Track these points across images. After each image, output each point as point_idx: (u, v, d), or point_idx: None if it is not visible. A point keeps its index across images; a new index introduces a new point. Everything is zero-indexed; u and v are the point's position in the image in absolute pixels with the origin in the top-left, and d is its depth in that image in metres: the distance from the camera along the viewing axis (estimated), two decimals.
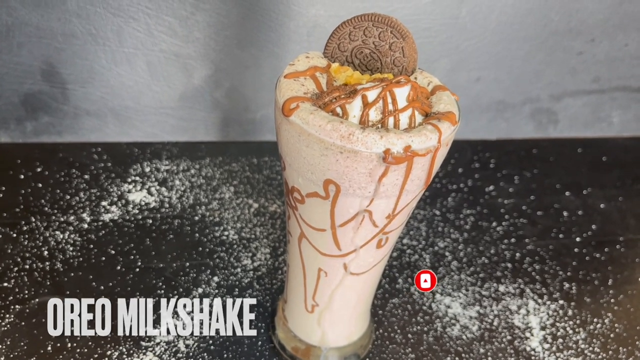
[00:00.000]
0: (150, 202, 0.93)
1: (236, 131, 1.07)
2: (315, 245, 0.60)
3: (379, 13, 0.57)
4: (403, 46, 0.57)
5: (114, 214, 0.90)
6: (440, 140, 0.50)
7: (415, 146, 0.49)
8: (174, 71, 0.98)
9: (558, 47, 1.07)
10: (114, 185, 0.95)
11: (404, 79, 0.53)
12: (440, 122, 0.51)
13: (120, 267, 0.82)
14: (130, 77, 0.98)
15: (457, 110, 0.55)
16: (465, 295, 0.85)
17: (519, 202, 1.03)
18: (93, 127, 1.02)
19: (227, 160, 1.04)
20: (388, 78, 0.54)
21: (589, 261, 0.93)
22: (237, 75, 1.01)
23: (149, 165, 1.00)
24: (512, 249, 0.93)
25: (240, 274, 0.83)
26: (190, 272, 0.83)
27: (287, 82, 0.54)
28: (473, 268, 0.89)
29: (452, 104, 0.55)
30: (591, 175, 1.12)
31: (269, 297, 0.81)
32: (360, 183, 0.51)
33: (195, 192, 0.96)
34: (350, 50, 0.58)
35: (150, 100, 1.01)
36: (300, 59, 0.57)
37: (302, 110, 0.50)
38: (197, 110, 1.03)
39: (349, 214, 0.55)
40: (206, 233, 0.89)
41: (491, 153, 1.14)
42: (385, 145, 0.48)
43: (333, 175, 0.51)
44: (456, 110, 0.55)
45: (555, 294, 0.86)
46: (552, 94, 1.14)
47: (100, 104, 1.00)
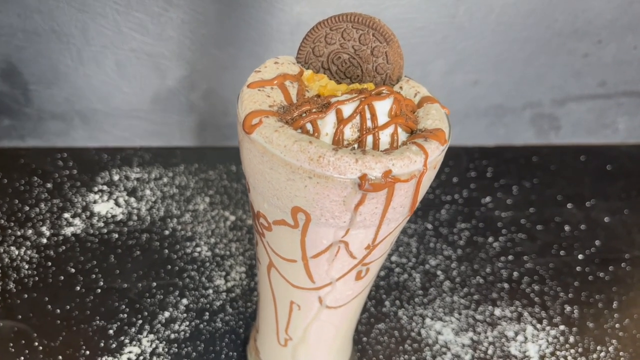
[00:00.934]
0: (117, 214, 0.85)
1: (214, 136, 1.00)
2: (285, 277, 0.53)
3: (360, 13, 0.49)
4: (387, 51, 0.50)
5: (77, 227, 0.82)
6: (426, 164, 0.43)
7: (397, 171, 0.41)
8: (146, 72, 0.91)
9: (562, 49, 0.99)
10: (79, 195, 0.88)
11: (386, 90, 0.46)
12: (427, 141, 0.44)
13: (79, 288, 0.75)
14: (99, 78, 0.90)
15: (447, 126, 0.48)
16: (458, 320, 0.77)
17: (517, 215, 0.96)
18: (59, 131, 0.94)
19: (204, 167, 0.96)
20: (368, 89, 0.46)
21: (592, 281, 0.86)
22: (214, 77, 0.93)
23: (118, 172, 0.93)
24: (510, 267, 0.86)
25: (211, 295, 0.76)
26: (157, 293, 0.75)
27: (251, 93, 0.46)
28: (467, 289, 0.82)
29: (441, 119, 0.48)
30: (595, 186, 1.05)
31: (243, 323, 0.74)
32: (334, 212, 0.43)
33: (167, 203, 0.88)
34: (326, 55, 0.51)
35: (121, 102, 0.93)
36: (268, 65, 0.50)
37: (265, 127, 0.43)
38: (171, 113, 0.96)
39: (322, 244, 0.47)
40: (176, 249, 0.81)
41: (488, 161, 1.07)
42: (361, 170, 0.41)
43: (302, 202, 0.43)
44: (446, 127, 0.47)
45: (556, 318, 0.79)
46: (554, 99, 1.06)
47: (66, 106, 0.92)
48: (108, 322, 0.71)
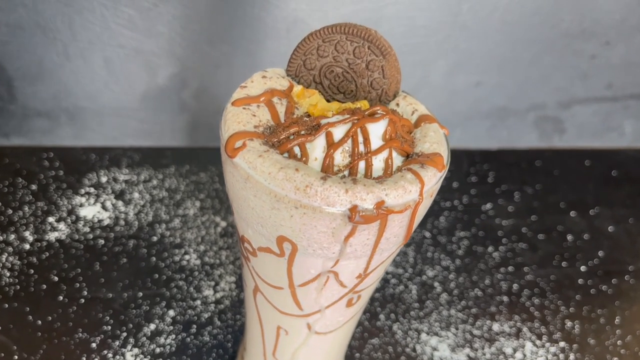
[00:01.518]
0: (103, 219, 0.82)
1: (206, 136, 0.96)
2: (272, 302, 0.50)
3: (355, 24, 0.46)
4: (383, 65, 0.46)
5: (62, 232, 0.79)
6: (422, 193, 0.40)
7: (391, 202, 0.38)
8: (135, 69, 0.87)
9: (568, 49, 0.95)
10: (65, 197, 0.84)
11: (381, 110, 0.43)
12: (424, 168, 0.41)
13: (62, 298, 0.72)
14: (86, 75, 0.87)
15: (445, 149, 0.44)
16: (455, 335, 0.75)
17: (518, 223, 0.93)
18: (44, 129, 0.91)
19: (195, 169, 0.93)
20: (361, 108, 0.43)
21: (594, 295, 0.83)
22: (206, 75, 0.89)
23: (106, 174, 0.89)
24: (509, 279, 0.83)
25: (199, 307, 0.73)
26: (143, 304, 0.73)
27: (235, 111, 0.43)
28: (464, 302, 0.79)
29: (440, 141, 0.44)
30: (599, 192, 1.02)
31: (231, 337, 0.71)
32: (322, 243, 0.40)
33: (156, 207, 0.85)
34: (318, 69, 0.47)
35: (109, 100, 0.90)
36: (255, 80, 0.46)
37: (249, 151, 0.39)
38: (161, 112, 0.92)
39: (310, 274, 0.44)
40: (164, 257, 0.79)
41: (490, 165, 1.04)
42: (351, 201, 0.37)
43: (287, 232, 0.40)
44: (445, 150, 0.44)
45: (556, 333, 0.77)
46: (559, 101, 1.03)
47: (52, 103, 0.89)
48: (91, 334, 0.68)
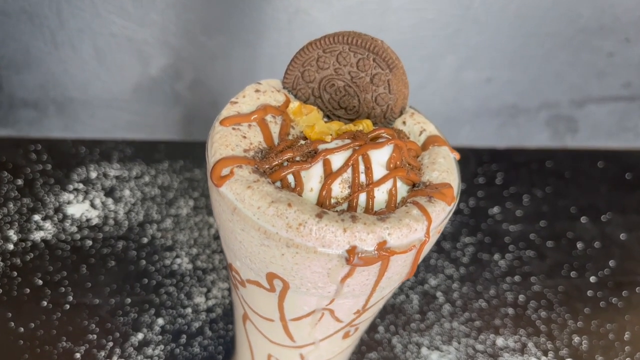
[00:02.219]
0: (92, 218, 0.78)
1: (201, 130, 0.92)
2: (262, 332, 0.46)
3: (359, 33, 0.41)
4: (389, 79, 0.41)
5: (48, 231, 0.76)
6: (429, 232, 0.36)
7: (394, 242, 0.34)
8: (127, 59, 0.82)
9: (585, 46, 0.90)
10: (52, 194, 0.80)
11: (385, 134, 0.38)
12: (432, 202, 0.36)
13: (46, 303, 0.68)
14: (75, 64, 0.82)
15: (456, 177, 0.40)
16: (457, 350, 0.71)
17: (526, 229, 0.88)
18: (31, 120, 0.87)
19: (189, 165, 0.89)
20: (363, 131, 0.39)
21: (603, 308, 0.79)
22: (202, 66, 0.85)
23: (96, 169, 0.85)
24: (515, 289, 0.80)
25: (190, 315, 0.70)
26: (131, 311, 0.69)
27: (223, 132, 0.38)
28: (468, 314, 0.76)
29: (450, 169, 0.40)
30: (612, 197, 0.97)
31: (222, 348, 0.67)
32: (316, 283, 0.36)
33: (147, 206, 0.81)
34: (318, 81, 0.43)
35: (99, 91, 0.85)
36: (247, 94, 0.42)
37: (236, 181, 0.35)
38: (154, 104, 0.88)
39: (304, 310, 0.41)
40: (154, 260, 0.75)
41: (498, 165, 0.99)
42: (349, 242, 0.33)
43: (278, 270, 0.36)
44: (455, 179, 0.40)
45: (563, 350, 0.73)
46: (573, 99, 0.98)
47: (39, 93, 0.84)
48: (75, 343, 0.65)
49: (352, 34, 0.41)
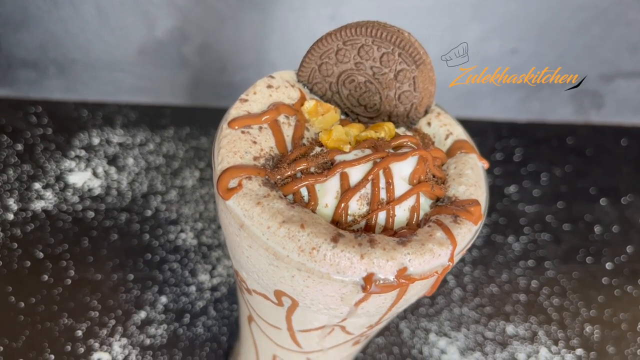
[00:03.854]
0: (94, 188, 0.76)
1: (208, 94, 0.88)
2: (268, 335, 0.44)
3: (385, 24, 0.36)
4: (415, 76, 0.37)
5: (49, 201, 0.73)
6: (453, 257, 0.33)
7: (414, 269, 0.31)
8: (131, 20, 0.78)
9: (620, 19, 0.84)
10: (53, 160, 0.78)
11: (410, 143, 0.35)
12: (458, 222, 0.33)
13: (47, 277, 0.67)
14: (76, 24, 0.77)
15: (484, 191, 0.37)
16: (466, 337, 0.70)
17: (543, 211, 0.85)
18: (31, 81, 0.83)
19: (195, 132, 0.85)
20: (385, 139, 0.35)
21: (618, 297, 0.77)
22: (210, 29, 0.80)
23: (99, 134, 0.82)
24: (529, 274, 0.77)
25: (194, 294, 0.68)
26: (134, 288, 0.68)
27: (232, 136, 0.35)
28: (479, 299, 0.74)
29: (478, 182, 0.36)
30: (634, 178, 0.93)
31: (227, 329, 0.66)
32: (328, 304, 0.34)
33: (152, 176, 0.78)
34: (336, 76, 0.39)
35: (102, 53, 0.81)
36: (258, 91, 0.38)
37: (245, 196, 0.32)
38: (160, 68, 0.83)
39: (313, 325, 0.38)
40: (158, 235, 0.73)
41: (518, 140, 0.95)
42: (367, 269, 0.31)
43: (287, 289, 0.34)
44: (483, 193, 0.36)
45: (574, 339, 0.72)
46: (602, 74, 0.92)
47: (38, 53, 0.80)
48: (77, 320, 0.64)
49: (377, 25, 0.36)
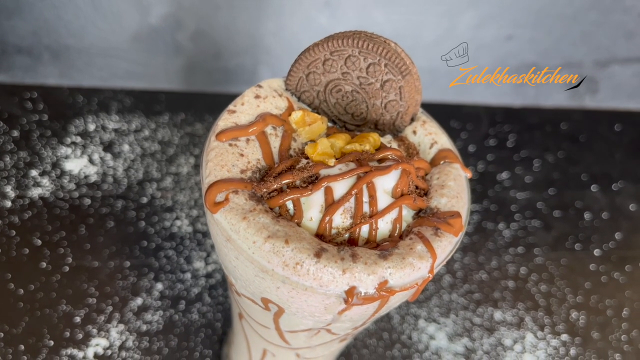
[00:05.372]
0: (90, 174, 0.77)
1: (203, 80, 0.88)
2: (258, 332, 0.46)
3: (371, 35, 0.37)
4: (401, 86, 0.38)
5: (46, 188, 0.74)
6: (432, 270, 0.34)
7: (395, 282, 0.33)
8: (124, 6, 0.77)
9: (617, 6, 0.84)
10: (49, 147, 0.78)
11: (393, 156, 0.35)
12: (438, 235, 0.34)
13: (46, 264, 0.68)
14: (69, 10, 0.77)
15: (466, 202, 0.38)
16: (454, 323, 0.72)
17: (534, 197, 0.86)
18: (26, 67, 0.83)
19: (190, 118, 0.85)
20: (369, 152, 0.36)
21: (604, 283, 0.79)
22: (205, 16, 0.79)
23: (95, 120, 0.82)
24: (518, 261, 0.79)
25: (189, 281, 0.70)
26: (130, 275, 0.69)
27: (220, 149, 0.36)
28: (468, 286, 0.76)
29: (460, 194, 0.37)
30: (625, 165, 0.94)
31: (221, 315, 0.68)
32: (313, 313, 0.35)
33: (147, 163, 0.79)
34: (323, 85, 0.39)
35: (96, 39, 0.81)
36: (246, 101, 0.38)
37: (231, 210, 0.33)
38: (154, 54, 0.83)
39: (299, 327, 0.40)
40: (154, 222, 0.74)
41: (511, 125, 0.95)
42: (349, 283, 0.32)
43: (273, 298, 0.35)
44: (465, 204, 0.37)
45: (559, 325, 0.74)
46: (597, 60, 0.92)
47: (32, 39, 0.80)
48: (75, 307, 0.66)
49: (363, 36, 0.37)
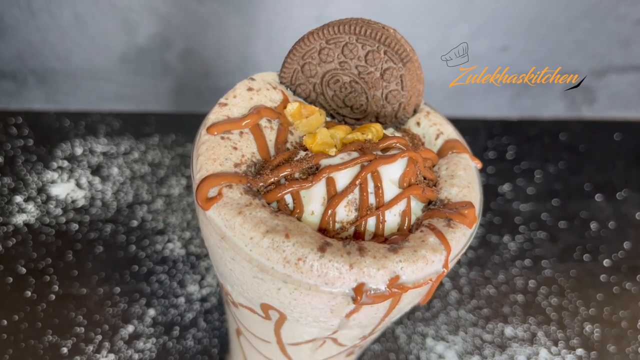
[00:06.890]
0: (78, 199, 0.74)
1: (193, 101, 0.86)
2: (258, 349, 0.43)
3: (369, 21, 0.35)
4: (402, 75, 0.36)
5: (31, 214, 0.71)
6: (447, 263, 0.31)
7: (407, 277, 0.30)
8: (110, 27, 0.76)
9: (611, 14, 0.83)
10: (34, 172, 0.75)
11: (398, 144, 0.33)
12: (451, 226, 0.32)
13: (31, 293, 0.65)
14: (54, 33, 0.75)
15: (478, 192, 0.35)
16: (464, 340, 0.68)
17: (538, 209, 0.84)
18: (10, 92, 0.81)
19: (181, 139, 0.83)
20: (372, 141, 0.33)
21: (617, 294, 0.76)
22: (193, 35, 0.78)
23: (82, 144, 0.80)
24: (526, 274, 0.76)
25: (183, 305, 0.66)
26: (121, 301, 0.65)
27: (211, 143, 0.33)
28: (475, 301, 0.72)
29: (471, 183, 0.35)
30: (628, 172, 0.92)
31: (217, 341, 0.64)
32: (317, 317, 0.32)
33: (137, 185, 0.76)
34: (320, 76, 0.37)
35: (82, 61, 0.79)
36: (238, 94, 0.36)
37: (225, 205, 0.30)
38: (142, 75, 0.81)
39: (303, 338, 0.36)
40: (145, 245, 0.71)
41: (510, 137, 0.93)
42: (357, 279, 0.29)
43: (274, 303, 0.32)
44: (477, 195, 0.35)
45: (574, 339, 0.70)
46: (593, 69, 0.91)
47: (16, 63, 0.78)
48: (62, 337, 0.62)
49: (360, 22, 0.35)
